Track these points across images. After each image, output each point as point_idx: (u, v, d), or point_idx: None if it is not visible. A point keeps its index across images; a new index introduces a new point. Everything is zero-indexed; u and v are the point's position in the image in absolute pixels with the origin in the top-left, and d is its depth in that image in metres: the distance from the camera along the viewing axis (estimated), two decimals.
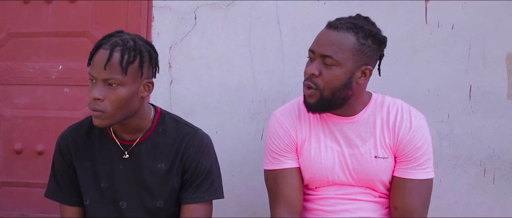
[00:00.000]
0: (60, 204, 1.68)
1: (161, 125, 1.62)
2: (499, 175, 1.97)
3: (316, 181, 1.61)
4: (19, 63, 2.39)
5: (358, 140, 1.57)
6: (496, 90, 1.96)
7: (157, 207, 1.61)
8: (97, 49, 1.48)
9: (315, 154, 1.59)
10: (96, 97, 1.44)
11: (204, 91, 2.19)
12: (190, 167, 1.59)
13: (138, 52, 1.48)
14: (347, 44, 1.46)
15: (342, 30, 1.48)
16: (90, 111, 1.47)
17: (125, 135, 1.60)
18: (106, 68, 1.43)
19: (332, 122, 1.60)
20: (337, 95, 1.49)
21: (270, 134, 1.65)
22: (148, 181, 1.59)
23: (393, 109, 1.58)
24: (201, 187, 1.59)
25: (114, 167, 1.60)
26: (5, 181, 2.42)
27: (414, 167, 1.54)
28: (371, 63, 1.52)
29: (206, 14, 2.18)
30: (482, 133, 1.97)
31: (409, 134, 1.54)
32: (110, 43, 1.46)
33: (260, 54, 2.14)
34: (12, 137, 2.40)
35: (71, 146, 1.62)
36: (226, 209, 2.13)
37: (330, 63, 1.47)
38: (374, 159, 1.55)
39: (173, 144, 1.60)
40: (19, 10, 2.39)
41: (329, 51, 1.46)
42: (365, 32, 1.48)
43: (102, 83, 1.45)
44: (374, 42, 1.50)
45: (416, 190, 1.53)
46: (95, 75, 1.45)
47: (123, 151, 1.60)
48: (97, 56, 1.46)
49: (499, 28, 1.96)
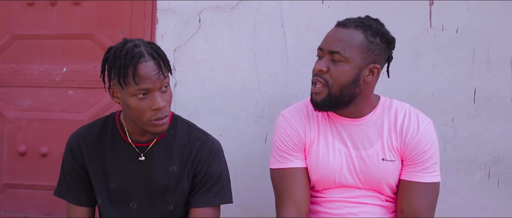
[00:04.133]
0: (68, 203, 1.68)
1: (173, 129, 1.63)
2: (504, 179, 1.97)
3: (323, 182, 1.60)
4: (24, 65, 2.39)
5: (365, 142, 1.57)
6: (501, 93, 1.96)
7: (167, 209, 1.62)
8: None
9: (323, 155, 1.59)
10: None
11: (208, 94, 2.19)
12: (201, 171, 1.61)
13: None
14: (355, 41, 1.48)
15: (350, 27, 1.51)
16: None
17: (139, 137, 1.61)
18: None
19: (340, 123, 1.60)
20: (344, 92, 1.50)
21: (278, 133, 1.64)
22: (160, 183, 1.60)
23: (401, 112, 1.58)
24: (211, 191, 1.61)
25: (126, 169, 1.61)
26: (9, 183, 2.42)
27: (421, 170, 1.54)
28: (379, 62, 1.53)
29: (210, 17, 2.19)
30: (486, 137, 1.97)
31: (417, 138, 1.54)
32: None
33: (264, 57, 2.14)
34: (16, 139, 2.40)
35: (83, 146, 1.63)
36: (230, 211, 2.13)
37: (338, 59, 1.49)
38: (382, 161, 1.55)
39: (185, 148, 1.62)
40: (24, 12, 2.40)
41: (337, 47, 1.49)
42: (374, 30, 1.50)
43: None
44: (382, 41, 1.52)
45: (423, 193, 1.53)
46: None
47: (137, 153, 1.60)
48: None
49: (504, 31, 1.96)
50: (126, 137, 1.61)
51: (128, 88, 1.45)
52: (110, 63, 1.48)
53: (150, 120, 1.48)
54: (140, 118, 1.48)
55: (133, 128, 1.58)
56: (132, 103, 1.46)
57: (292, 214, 1.56)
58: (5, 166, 2.42)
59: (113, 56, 1.48)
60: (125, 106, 1.50)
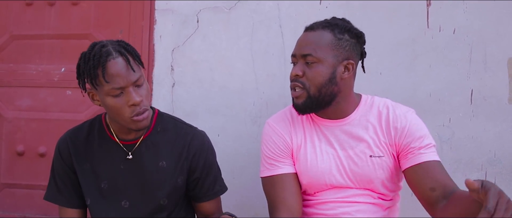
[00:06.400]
0: (60, 206, 1.69)
1: (159, 125, 1.65)
2: (500, 179, 1.97)
3: (314, 185, 1.61)
4: (22, 65, 2.40)
5: (352, 142, 1.58)
6: (497, 94, 1.96)
7: (161, 205, 1.63)
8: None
9: (311, 158, 1.61)
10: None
11: (206, 94, 2.20)
12: (198, 165, 1.64)
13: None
14: (324, 41, 1.52)
15: (318, 29, 1.55)
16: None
17: (125, 136, 1.62)
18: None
19: (325, 126, 1.61)
20: (323, 92, 1.53)
21: (265, 141, 1.67)
22: (150, 179, 1.61)
23: (384, 108, 1.60)
24: (217, 182, 1.68)
25: (115, 168, 1.62)
26: (7, 182, 2.42)
27: (422, 149, 1.51)
28: (353, 58, 1.56)
29: (208, 17, 2.19)
30: (483, 137, 1.98)
31: (407, 126, 1.55)
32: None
33: (262, 57, 2.15)
34: (14, 139, 2.41)
35: (71, 148, 1.64)
36: (227, 211, 2.13)
37: (311, 61, 1.52)
38: (370, 158, 1.56)
39: (174, 143, 1.63)
40: (22, 12, 2.40)
41: (308, 50, 1.52)
42: (341, 28, 1.54)
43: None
44: (351, 37, 1.55)
45: (438, 169, 1.49)
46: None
47: (125, 151, 1.61)
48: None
49: (501, 32, 1.96)
50: (113, 136, 1.62)
51: (101, 88, 1.47)
52: (81, 68, 1.50)
53: (130, 117, 1.48)
54: (120, 116, 1.49)
55: (119, 128, 1.60)
56: (109, 103, 1.48)
57: None
58: (3, 165, 2.42)
59: (83, 60, 1.50)
60: (105, 107, 1.52)
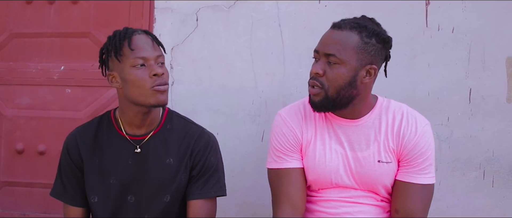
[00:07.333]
0: (64, 204, 1.69)
1: (169, 122, 1.67)
2: (498, 178, 1.98)
3: (320, 182, 1.61)
4: (21, 63, 2.40)
5: (362, 144, 1.57)
6: (496, 93, 1.97)
7: (164, 202, 1.64)
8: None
9: (320, 155, 1.59)
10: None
11: (205, 93, 2.20)
12: (198, 163, 1.64)
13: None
14: (350, 43, 1.47)
15: (345, 29, 1.49)
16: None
17: (135, 131, 1.64)
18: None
19: (338, 124, 1.59)
20: (342, 94, 1.49)
21: (275, 133, 1.64)
22: (157, 176, 1.62)
23: (398, 113, 1.58)
24: (208, 183, 1.65)
25: (123, 163, 1.63)
26: (7, 181, 2.43)
27: (417, 172, 1.54)
28: (376, 62, 1.52)
29: (207, 15, 2.19)
30: (481, 136, 1.98)
31: (414, 140, 1.54)
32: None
33: (261, 56, 2.15)
34: (13, 137, 2.41)
35: (80, 144, 1.65)
36: (227, 210, 2.14)
37: (334, 62, 1.47)
38: (377, 163, 1.55)
39: (182, 141, 1.65)
40: (22, 11, 2.40)
41: (332, 50, 1.47)
42: (369, 31, 1.48)
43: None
44: (378, 41, 1.50)
45: (418, 194, 1.53)
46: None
47: (134, 146, 1.63)
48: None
49: (499, 31, 1.97)
50: (122, 131, 1.63)
51: (125, 60, 1.51)
52: (106, 47, 1.57)
53: (151, 87, 1.50)
54: (141, 89, 1.51)
55: (130, 120, 1.61)
56: (131, 76, 1.51)
57: (288, 214, 1.56)
58: (2, 164, 2.42)
59: (108, 40, 1.58)
60: (125, 85, 1.54)
